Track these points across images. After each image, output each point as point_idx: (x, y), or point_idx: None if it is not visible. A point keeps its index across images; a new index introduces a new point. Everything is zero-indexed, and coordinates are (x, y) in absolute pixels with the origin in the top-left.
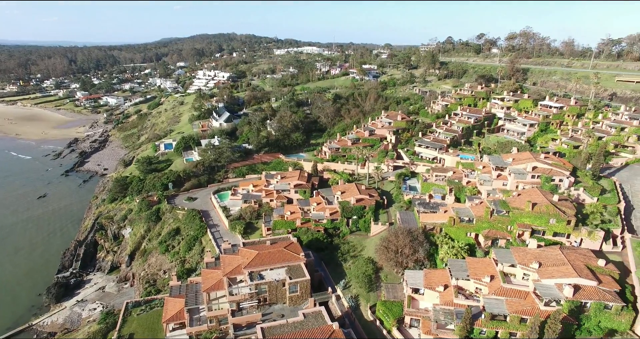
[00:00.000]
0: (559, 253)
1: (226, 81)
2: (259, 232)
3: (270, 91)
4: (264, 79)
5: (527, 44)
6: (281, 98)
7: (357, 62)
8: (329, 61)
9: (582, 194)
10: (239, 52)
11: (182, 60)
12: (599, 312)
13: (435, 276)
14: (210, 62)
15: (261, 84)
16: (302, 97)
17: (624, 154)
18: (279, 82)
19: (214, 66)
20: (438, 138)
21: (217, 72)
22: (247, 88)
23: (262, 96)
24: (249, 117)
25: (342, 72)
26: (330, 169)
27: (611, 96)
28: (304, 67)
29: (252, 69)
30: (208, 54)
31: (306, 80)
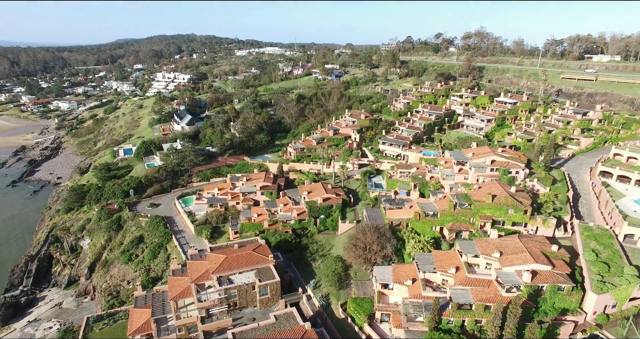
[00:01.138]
0: (518, 242)
1: (187, 83)
2: (226, 236)
3: (233, 92)
4: (226, 80)
5: (482, 43)
6: (244, 99)
7: (320, 62)
8: (292, 61)
9: (537, 185)
10: (199, 54)
11: (139, 62)
12: (554, 294)
13: (404, 270)
14: (169, 64)
15: (223, 85)
16: (266, 98)
17: (570, 146)
18: (242, 83)
19: (174, 68)
20: (401, 135)
21: (177, 74)
22: (209, 90)
23: (224, 98)
24: (211, 120)
25: (305, 72)
26: (296, 169)
27: (557, 92)
28: (267, 67)
29: (213, 70)
30: (167, 56)
31: (269, 81)
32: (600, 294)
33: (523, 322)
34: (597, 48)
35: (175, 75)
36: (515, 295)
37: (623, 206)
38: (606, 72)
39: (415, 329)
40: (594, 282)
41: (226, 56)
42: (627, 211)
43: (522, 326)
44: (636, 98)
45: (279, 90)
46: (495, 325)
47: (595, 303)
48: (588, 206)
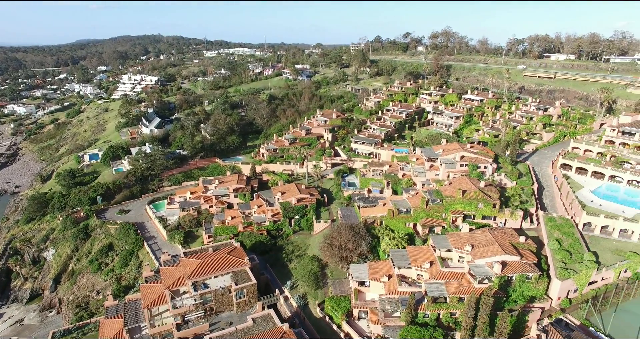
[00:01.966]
0: (488, 234)
1: (155, 85)
2: (200, 241)
3: (203, 94)
4: (195, 82)
5: (449, 42)
6: (214, 101)
7: (290, 62)
8: (262, 62)
9: (504, 179)
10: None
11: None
12: (522, 283)
13: (379, 267)
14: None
15: (192, 87)
16: (236, 99)
17: (534, 140)
18: (211, 84)
19: (140, 70)
20: (373, 134)
21: (144, 76)
22: (178, 92)
23: (194, 100)
24: (181, 122)
25: (275, 73)
26: (269, 170)
27: (520, 89)
28: (236, 68)
29: (181, 72)
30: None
31: (239, 82)
32: (563, 280)
33: (495, 311)
34: (554, 47)
35: (142, 77)
36: (487, 286)
37: (582, 197)
38: (563, 70)
39: (393, 324)
40: (558, 269)
41: (195, 57)
42: (585, 201)
43: (494, 315)
44: (590, 95)
45: (250, 91)
46: (469, 316)
47: (559, 289)
48: (551, 197)
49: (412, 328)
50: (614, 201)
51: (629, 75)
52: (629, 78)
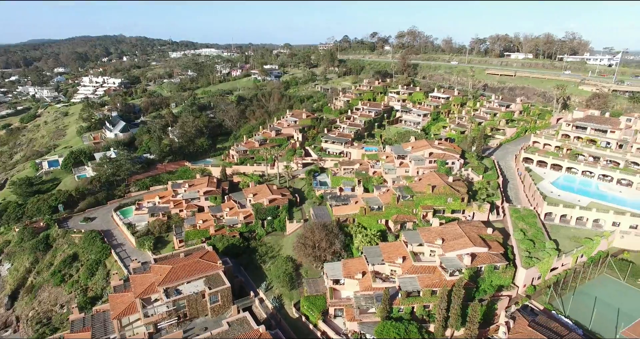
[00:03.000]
0: (457, 228)
1: (118, 88)
2: (171, 246)
3: (169, 96)
4: (161, 84)
5: (415, 41)
6: (182, 103)
7: (258, 62)
8: (229, 63)
9: (471, 173)
10: (130, 56)
11: (60, 66)
12: (491, 273)
13: (353, 264)
14: (97, 68)
15: (158, 89)
16: (204, 101)
17: (498, 136)
18: (178, 86)
19: (102, 72)
20: (343, 133)
21: (106, 78)
22: (143, 94)
23: (160, 102)
24: (147, 126)
25: (244, 74)
26: (240, 172)
27: (484, 86)
28: (204, 69)
29: (146, 73)
30: (93, 59)
31: (207, 84)
32: (528, 268)
33: (466, 302)
34: (514, 46)
35: (104, 80)
36: (458, 278)
37: (543, 188)
38: (522, 68)
39: (368, 320)
40: (523, 258)
41: (160, 58)
42: (546, 192)
43: (465, 305)
44: (547, 91)
45: (218, 92)
46: (441, 308)
47: (524, 277)
48: (515, 190)
49: (387, 323)
50: (571, 191)
51: (579, 73)
52: (579, 76)
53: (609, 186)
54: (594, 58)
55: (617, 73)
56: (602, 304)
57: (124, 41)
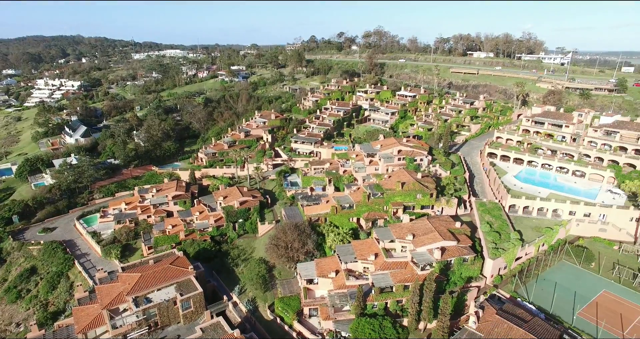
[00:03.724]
0: (427, 223)
1: (77, 91)
2: (139, 253)
3: (133, 98)
4: (124, 86)
5: (381, 41)
6: (146, 106)
7: (225, 63)
8: (195, 64)
9: (439, 169)
10: (89, 58)
11: (10, 67)
12: (460, 265)
13: (326, 263)
14: (52, 70)
15: (121, 92)
16: (170, 104)
17: (463, 132)
18: (142, 89)
19: (59, 74)
20: (312, 133)
21: (63, 80)
22: (105, 97)
23: (124, 105)
24: (111, 130)
25: (211, 75)
26: (209, 175)
27: (449, 84)
28: (169, 71)
29: (108, 76)
30: (48, 60)
31: (172, 86)
32: (495, 259)
33: (437, 295)
34: (476, 46)
35: (61, 82)
36: (429, 272)
37: (506, 182)
38: (484, 66)
39: (343, 318)
40: (489, 249)
41: (122, 60)
42: (509, 186)
43: (436, 298)
44: (507, 89)
45: (184, 94)
46: (414, 302)
47: (492, 268)
48: (481, 184)
49: (362, 320)
50: (532, 183)
51: (536, 71)
52: (536, 74)
53: (565, 177)
54: (548, 57)
55: (569, 71)
56: (561, 288)
57: (82, 42)
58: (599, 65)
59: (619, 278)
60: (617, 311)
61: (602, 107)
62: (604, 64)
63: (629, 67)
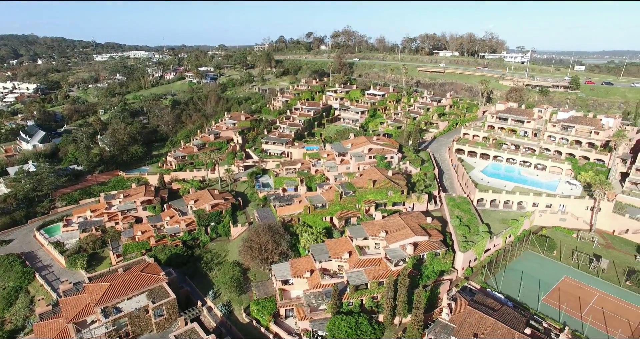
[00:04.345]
0: (399, 219)
1: (34, 94)
2: (107, 262)
3: (96, 102)
4: (86, 89)
5: (350, 41)
6: (111, 109)
7: (193, 65)
8: (162, 66)
9: (409, 166)
10: (46, 59)
11: None
12: (432, 259)
13: (301, 263)
14: (4, 71)
15: (83, 95)
16: (136, 106)
17: (432, 129)
18: (106, 91)
19: (11, 76)
20: (283, 133)
21: (17, 83)
22: (65, 101)
23: (86, 109)
24: (73, 134)
25: (178, 77)
26: (179, 178)
27: (417, 83)
28: (134, 73)
29: (68, 78)
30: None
31: (138, 88)
32: (465, 252)
33: (411, 289)
34: (441, 45)
35: (15, 85)
36: (403, 267)
37: (474, 176)
38: (450, 65)
39: (319, 317)
40: (460, 243)
41: (83, 62)
42: (477, 180)
43: (410, 293)
44: (472, 86)
45: (151, 96)
46: (389, 297)
47: (462, 260)
48: (450, 179)
49: (338, 318)
50: (498, 177)
51: (499, 69)
52: (499, 72)
53: (528, 171)
54: (510, 56)
55: (528, 70)
56: (527, 277)
57: (36, 42)
58: (555, 64)
59: (577, 264)
60: (576, 294)
61: (559, 104)
62: (559, 63)
63: (580, 65)
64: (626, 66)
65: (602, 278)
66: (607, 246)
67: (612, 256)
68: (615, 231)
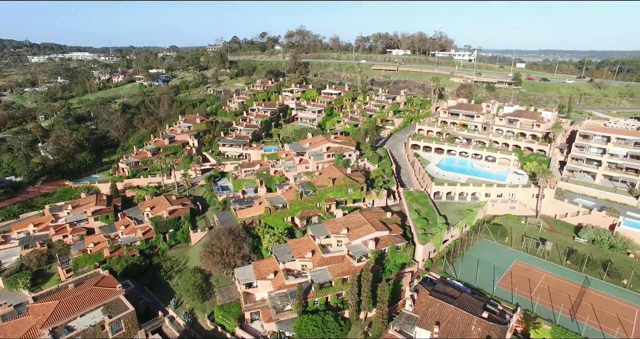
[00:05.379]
0: (360, 216)
1: None
2: (56, 279)
3: (35, 107)
4: (22, 93)
5: (304, 40)
6: (53, 115)
7: (142, 67)
8: (109, 68)
9: (367, 163)
10: None
11: None
12: (394, 253)
13: (264, 265)
14: None
15: (18, 99)
16: (82, 111)
17: (388, 126)
18: (46, 96)
19: None
20: (240, 135)
21: None
22: None
23: (23, 115)
24: (8, 143)
25: (127, 79)
26: (133, 185)
27: (372, 81)
28: (78, 76)
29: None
30: None
31: (83, 92)
32: (425, 244)
33: (375, 284)
34: (394, 44)
35: None
36: (365, 262)
37: (430, 171)
38: (403, 63)
39: (286, 318)
40: (419, 236)
41: (16, 63)
42: (433, 174)
43: (374, 287)
44: (425, 83)
45: (98, 101)
46: (353, 293)
47: (422, 252)
48: (408, 175)
49: (304, 317)
50: (452, 171)
51: (449, 67)
52: (449, 69)
53: (480, 163)
54: (458, 54)
55: (476, 67)
56: (482, 264)
57: None
58: (499, 62)
59: (526, 248)
60: (526, 277)
61: (505, 99)
62: (503, 61)
63: (521, 63)
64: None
65: (547, 259)
66: (551, 229)
67: (555, 239)
68: (557, 215)
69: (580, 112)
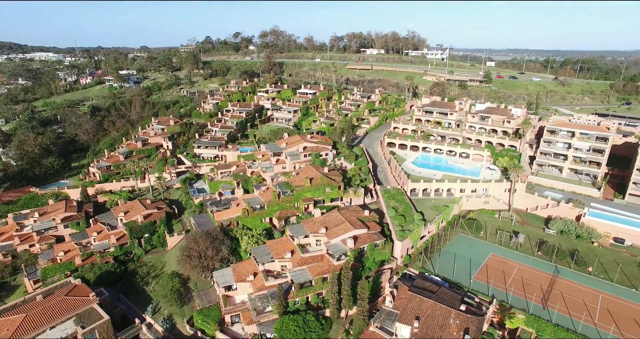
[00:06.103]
0: (338, 215)
1: None
2: (22, 290)
3: None
4: None
5: (278, 40)
6: (14, 118)
7: (112, 68)
8: (75, 69)
9: (344, 162)
10: None
11: None
12: (372, 251)
13: (243, 267)
14: None
15: None
16: (48, 114)
17: (363, 125)
18: (6, 98)
19: None
20: (215, 136)
21: None
22: None
23: None
24: None
25: (96, 81)
26: (105, 190)
27: (346, 80)
28: (41, 77)
29: None
30: None
31: (48, 94)
32: (402, 240)
33: (354, 282)
34: (368, 43)
35: None
36: (345, 261)
37: (406, 168)
38: (377, 62)
39: (267, 319)
40: (397, 232)
41: None
42: (409, 171)
43: (354, 285)
44: (399, 82)
45: (65, 103)
46: (333, 292)
47: (401, 249)
48: (384, 172)
49: (285, 318)
50: (427, 167)
51: (422, 65)
52: (422, 68)
53: (454, 159)
54: (431, 53)
55: (448, 66)
56: (459, 258)
57: None
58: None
59: (500, 241)
60: (501, 269)
61: (476, 96)
62: (474, 59)
63: (491, 62)
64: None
65: (520, 251)
66: (523, 222)
67: (526, 231)
68: (528, 208)
69: (547, 109)
